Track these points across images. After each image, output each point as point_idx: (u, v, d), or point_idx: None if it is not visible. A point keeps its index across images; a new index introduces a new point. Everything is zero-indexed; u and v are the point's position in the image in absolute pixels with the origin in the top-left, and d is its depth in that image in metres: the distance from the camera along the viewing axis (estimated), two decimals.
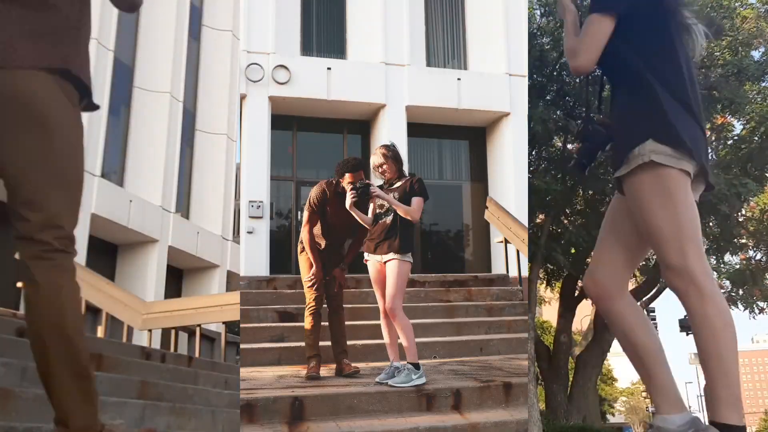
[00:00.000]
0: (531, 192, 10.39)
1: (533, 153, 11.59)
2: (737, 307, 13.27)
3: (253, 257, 10.76)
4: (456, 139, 13.12)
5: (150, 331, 7.81)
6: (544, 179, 10.34)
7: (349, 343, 5.09)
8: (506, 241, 8.79)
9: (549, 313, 20.91)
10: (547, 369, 11.73)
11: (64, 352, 1.79)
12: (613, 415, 37.91)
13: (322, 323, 5.00)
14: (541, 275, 11.11)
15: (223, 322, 7.74)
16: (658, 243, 2.18)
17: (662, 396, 2.29)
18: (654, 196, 2.17)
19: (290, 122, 12.21)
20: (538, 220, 11.61)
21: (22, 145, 1.73)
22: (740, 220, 11.82)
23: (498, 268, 11.03)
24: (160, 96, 14.77)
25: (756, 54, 10.25)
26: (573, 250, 11.74)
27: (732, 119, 10.96)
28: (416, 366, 4.33)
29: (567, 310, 12.78)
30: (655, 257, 12.59)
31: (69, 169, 1.80)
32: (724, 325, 2.08)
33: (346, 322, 5.13)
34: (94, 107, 1.94)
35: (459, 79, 12.47)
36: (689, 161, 2.19)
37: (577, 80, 9.92)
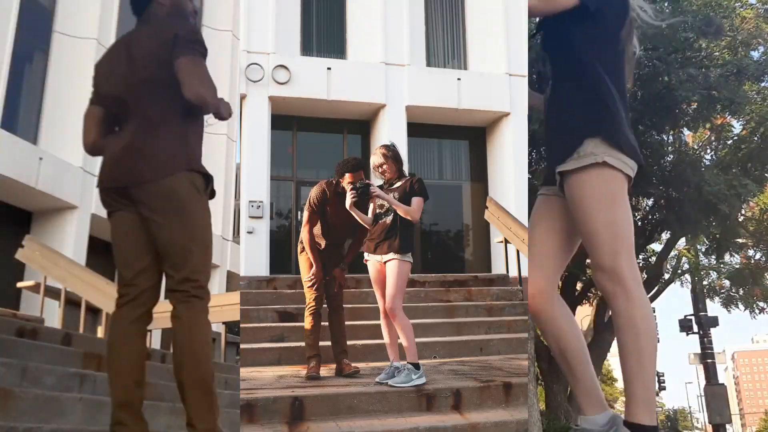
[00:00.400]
0: (531, 192, 10.29)
1: (533, 153, 11.53)
2: (737, 307, 13.28)
3: (253, 257, 10.77)
4: (456, 139, 13.12)
5: (150, 331, 7.80)
6: None
7: (349, 343, 5.09)
8: (506, 241, 8.79)
9: None
10: (548, 369, 11.69)
11: (195, 372, 2.39)
12: None
13: (322, 323, 5.01)
14: None
15: (223, 322, 7.73)
16: (594, 244, 2.22)
17: (587, 398, 2.37)
18: (598, 198, 2.20)
19: (290, 122, 12.21)
20: None
21: (169, 226, 2.43)
22: (740, 220, 11.80)
23: (498, 268, 11.03)
24: None
25: (755, 54, 10.24)
26: None
27: (731, 119, 10.95)
28: (416, 366, 4.33)
29: None
30: (654, 256, 12.60)
31: (202, 240, 2.49)
32: (647, 329, 2.16)
33: (346, 322, 5.13)
34: (214, 194, 2.61)
35: (459, 79, 12.48)
36: (633, 167, 2.25)
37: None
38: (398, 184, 4.58)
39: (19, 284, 8.83)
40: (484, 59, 12.95)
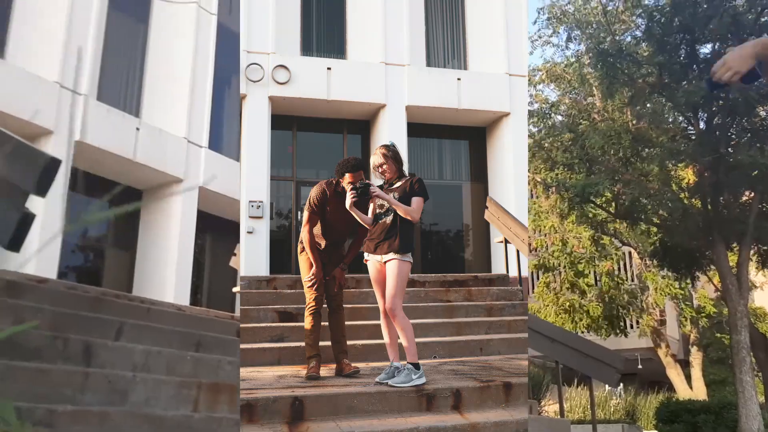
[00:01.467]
0: (734, 167, 9.58)
1: (734, 125, 10.63)
2: None
3: (253, 257, 10.76)
4: (456, 139, 13.11)
5: None
6: (748, 153, 9.70)
7: (349, 343, 5.09)
8: (506, 241, 8.79)
9: (762, 298, 19.41)
10: (764, 358, 11.25)
11: None
12: None
13: (322, 323, 5.00)
14: (753, 258, 10.57)
15: None
16: None
17: None
18: None
19: (290, 122, 12.20)
20: (744, 198, 10.98)
21: None
22: None
23: (498, 268, 11.03)
24: None
25: None
26: None
27: None
28: (416, 366, 4.33)
29: None
30: None
31: None
32: None
33: (346, 322, 5.13)
34: None
35: (459, 79, 12.47)
36: None
37: None
38: (398, 184, 4.58)
39: (234, 289, 10.09)
40: (484, 59, 12.94)
